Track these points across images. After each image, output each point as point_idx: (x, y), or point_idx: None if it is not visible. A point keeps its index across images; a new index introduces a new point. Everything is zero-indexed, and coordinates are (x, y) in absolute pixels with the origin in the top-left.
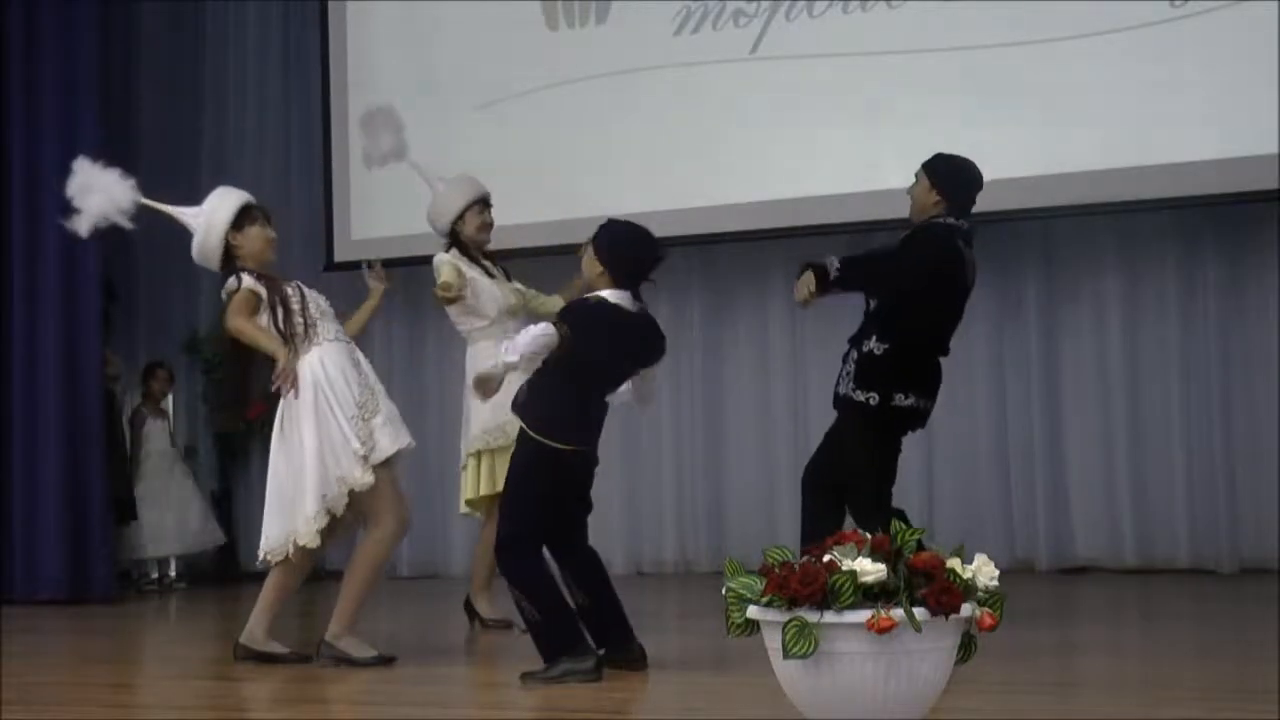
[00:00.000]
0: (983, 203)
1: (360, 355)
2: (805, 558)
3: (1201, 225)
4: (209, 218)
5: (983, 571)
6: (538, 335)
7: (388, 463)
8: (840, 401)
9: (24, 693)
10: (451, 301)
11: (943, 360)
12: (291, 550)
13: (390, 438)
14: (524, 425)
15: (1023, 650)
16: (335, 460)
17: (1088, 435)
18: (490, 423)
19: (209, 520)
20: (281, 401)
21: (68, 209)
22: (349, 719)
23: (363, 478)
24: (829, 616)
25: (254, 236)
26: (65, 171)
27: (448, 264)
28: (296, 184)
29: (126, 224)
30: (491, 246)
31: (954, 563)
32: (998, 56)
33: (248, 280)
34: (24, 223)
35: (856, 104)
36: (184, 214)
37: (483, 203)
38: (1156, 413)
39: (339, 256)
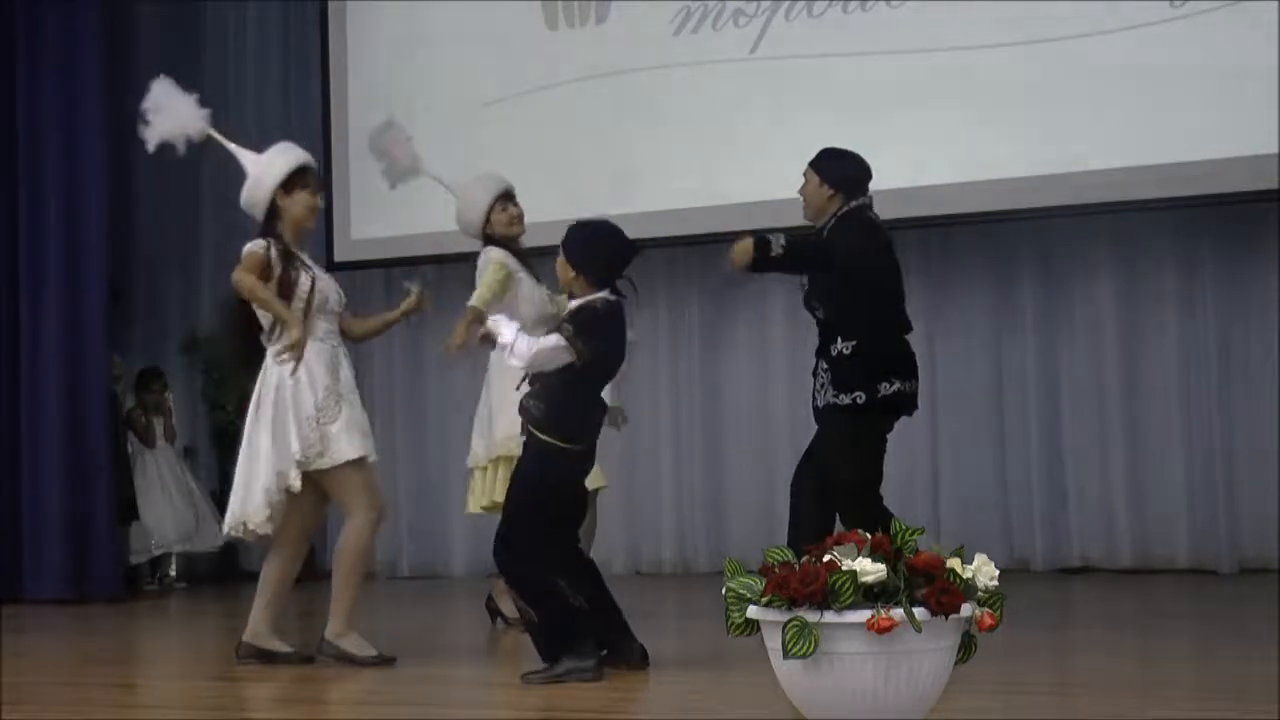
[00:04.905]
0: (981, 203)
1: (344, 359)
2: (805, 558)
3: (1201, 225)
4: (264, 169)
5: (983, 571)
6: (552, 351)
7: (359, 461)
8: (823, 412)
9: (24, 693)
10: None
11: (940, 352)
12: (243, 530)
13: (349, 444)
14: (531, 427)
15: (1022, 650)
16: (279, 456)
17: (1086, 435)
18: (516, 429)
19: (208, 520)
20: (258, 384)
21: (141, 119)
22: (350, 719)
23: (293, 481)
24: (829, 616)
25: (299, 201)
26: (68, 175)
27: (496, 262)
28: None
29: (182, 148)
30: None
31: (954, 563)
32: (997, 56)
33: (272, 252)
34: (28, 223)
35: (856, 104)
36: (244, 157)
37: (506, 197)
38: (1155, 413)
39: (339, 256)
